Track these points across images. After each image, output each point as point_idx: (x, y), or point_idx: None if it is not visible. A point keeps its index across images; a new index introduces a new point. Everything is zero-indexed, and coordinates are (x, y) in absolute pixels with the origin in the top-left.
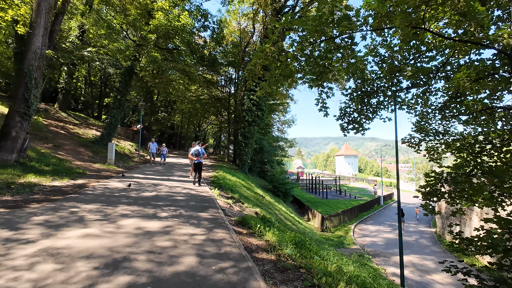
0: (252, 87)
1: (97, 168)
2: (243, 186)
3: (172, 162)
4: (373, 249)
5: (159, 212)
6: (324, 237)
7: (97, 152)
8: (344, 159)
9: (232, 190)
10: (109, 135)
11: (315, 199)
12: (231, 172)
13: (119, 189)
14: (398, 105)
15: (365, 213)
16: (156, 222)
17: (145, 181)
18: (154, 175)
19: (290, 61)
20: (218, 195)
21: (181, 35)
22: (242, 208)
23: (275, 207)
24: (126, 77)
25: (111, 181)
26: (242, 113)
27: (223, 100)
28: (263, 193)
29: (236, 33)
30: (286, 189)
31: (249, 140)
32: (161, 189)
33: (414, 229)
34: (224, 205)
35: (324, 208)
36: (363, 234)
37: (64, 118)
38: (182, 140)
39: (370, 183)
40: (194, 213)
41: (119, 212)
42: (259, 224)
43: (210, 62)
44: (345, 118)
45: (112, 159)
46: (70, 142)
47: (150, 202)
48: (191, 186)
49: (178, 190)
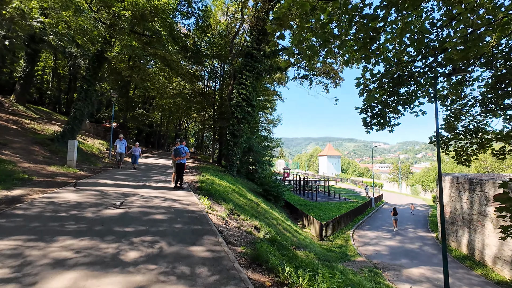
0: (242, 80)
1: (51, 171)
2: (234, 192)
3: (149, 164)
4: (380, 260)
5: (124, 251)
6: (325, 247)
7: (55, 151)
8: (327, 159)
9: (224, 198)
10: (72, 131)
11: (305, 201)
12: (218, 175)
13: (69, 205)
14: (427, 98)
15: (359, 217)
16: (116, 277)
17: (112, 190)
18: (127, 180)
19: (330, 18)
20: (209, 207)
21: (161, 17)
22: (239, 223)
23: (272, 216)
24: (95, 64)
25: (63, 191)
26: (230, 109)
27: (207, 95)
28: (255, 199)
29: (223, 24)
30: (278, 192)
31: (239, 139)
32: (133, 202)
33: (414, 234)
34: (219, 222)
35: (317, 212)
36: (364, 242)
37: (21, 111)
38: (162, 139)
39: (356, 184)
40: (183, 247)
41: (51, 255)
42: (288, 268)
43: (194, 53)
44: (368, 111)
45: (73, 160)
46: (21, 139)
47: (113, 227)
48: (174, 195)
49: (157, 203)
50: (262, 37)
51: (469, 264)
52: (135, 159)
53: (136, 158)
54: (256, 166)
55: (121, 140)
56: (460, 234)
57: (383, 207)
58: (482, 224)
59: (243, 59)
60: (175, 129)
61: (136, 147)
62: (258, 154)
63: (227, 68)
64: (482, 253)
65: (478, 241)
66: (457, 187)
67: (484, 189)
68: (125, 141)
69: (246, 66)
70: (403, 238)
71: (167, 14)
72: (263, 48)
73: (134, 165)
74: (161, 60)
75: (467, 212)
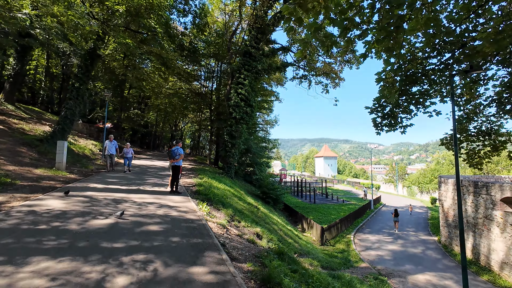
0: (240, 80)
1: (37, 175)
2: (233, 195)
3: (144, 166)
4: (383, 266)
5: (111, 276)
6: (326, 252)
7: (44, 153)
8: (323, 160)
9: (223, 203)
10: (63, 131)
11: (303, 204)
12: (216, 177)
13: (52, 214)
14: (439, 98)
15: (359, 220)
16: None
17: (103, 196)
18: (119, 184)
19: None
20: (208, 214)
21: (157, 13)
22: (240, 230)
23: (272, 220)
24: (87, 61)
25: (47, 198)
26: (228, 109)
27: (204, 95)
28: (255, 202)
29: (220, 23)
30: (277, 195)
31: (237, 140)
32: (125, 209)
33: (416, 237)
34: (220, 231)
35: (315, 214)
36: (366, 247)
37: (10, 111)
38: (157, 139)
39: (353, 185)
40: (182, 268)
41: (19, 285)
42: None
43: (191, 52)
44: (379, 111)
45: (62, 162)
46: (8, 139)
47: (100, 243)
48: (171, 201)
49: (151, 210)
50: (261, 36)
51: (475, 269)
52: (128, 161)
53: (129, 160)
54: (254, 167)
55: (111, 141)
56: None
57: (381, 209)
58: (488, 228)
59: (242, 58)
60: (171, 129)
61: (127, 148)
62: (256, 155)
63: (224, 68)
64: (488, 258)
65: (484, 246)
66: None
67: (490, 192)
68: (115, 142)
69: (245, 66)
70: (405, 242)
71: (163, 10)
72: (262, 47)
73: (126, 167)
74: (156, 58)
75: (472, 216)
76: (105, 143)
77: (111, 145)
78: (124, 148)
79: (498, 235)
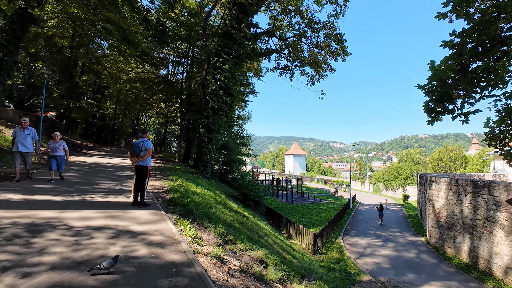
0: (219, 65)
1: None
2: (217, 202)
3: (97, 164)
4: (386, 277)
5: None
6: (323, 264)
7: None
8: (293, 158)
9: (209, 216)
10: None
11: (281, 204)
12: (191, 178)
13: None
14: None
15: (342, 221)
16: None
17: (12, 216)
18: (52, 193)
19: None
20: (194, 240)
21: None
22: (240, 258)
23: (264, 232)
24: (16, 25)
25: None
26: (204, 98)
27: (173, 82)
28: (239, 208)
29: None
30: (258, 197)
31: (214, 134)
32: (44, 249)
33: (403, 239)
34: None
35: (297, 216)
36: (359, 253)
37: None
38: (116, 134)
39: (326, 183)
40: None
41: None
42: None
43: (159, 31)
44: (435, 92)
45: None
46: None
47: None
48: (134, 222)
49: (99, 247)
50: (242, 16)
51: (476, 275)
52: (58, 163)
53: (59, 161)
54: (232, 166)
55: (23, 126)
56: (459, 241)
57: (359, 208)
58: (490, 231)
59: (220, 40)
60: (132, 123)
61: (56, 142)
62: (233, 152)
63: (197, 52)
64: (489, 262)
65: (484, 249)
66: (456, 190)
67: (494, 192)
68: (32, 130)
69: (224, 48)
70: (396, 245)
71: None
72: (244, 29)
73: (54, 172)
74: (115, 30)
75: (469, 217)
76: (49, 143)
77: (21, 133)
78: (51, 142)
79: (502, 239)
